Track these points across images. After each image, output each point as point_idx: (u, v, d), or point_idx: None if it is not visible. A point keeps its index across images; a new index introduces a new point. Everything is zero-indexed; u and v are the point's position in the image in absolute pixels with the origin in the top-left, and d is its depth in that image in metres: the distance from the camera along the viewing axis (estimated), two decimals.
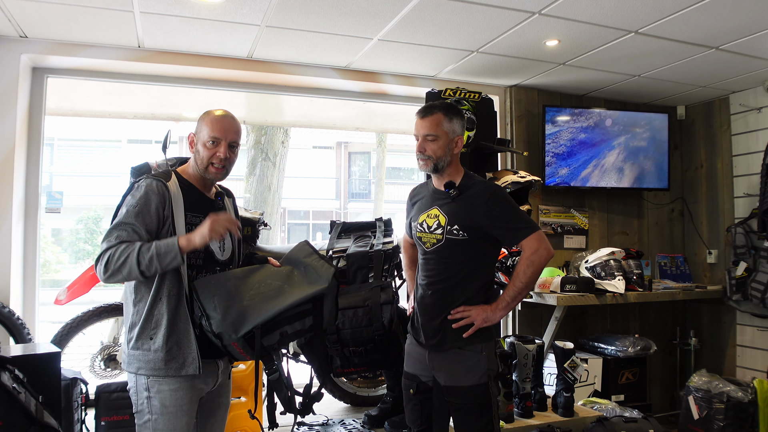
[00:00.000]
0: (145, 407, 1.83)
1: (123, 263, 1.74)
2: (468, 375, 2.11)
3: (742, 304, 3.94)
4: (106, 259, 1.75)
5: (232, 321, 1.76)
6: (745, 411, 3.50)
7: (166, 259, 1.75)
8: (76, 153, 12.93)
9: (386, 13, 2.85)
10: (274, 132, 6.06)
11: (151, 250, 1.75)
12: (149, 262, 1.74)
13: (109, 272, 1.75)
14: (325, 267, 1.93)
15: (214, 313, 1.77)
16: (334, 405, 3.34)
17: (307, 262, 1.97)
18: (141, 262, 1.74)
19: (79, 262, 12.01)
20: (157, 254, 1.74)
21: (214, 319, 1.77)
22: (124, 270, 1.74)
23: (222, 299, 1.80)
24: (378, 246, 3.02)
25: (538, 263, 2.11)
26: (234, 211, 2.13)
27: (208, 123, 1.93)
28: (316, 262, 1.95)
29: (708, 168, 4.52)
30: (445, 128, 2.15)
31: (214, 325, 1.76)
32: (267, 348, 1.84)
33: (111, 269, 1.74)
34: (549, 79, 3.95)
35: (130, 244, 1.76)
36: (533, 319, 4.08)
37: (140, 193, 1.82)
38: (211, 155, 1.91)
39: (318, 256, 1.97)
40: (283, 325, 1.84)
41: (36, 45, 3.16)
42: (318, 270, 1.93)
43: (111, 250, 1.76)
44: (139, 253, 1.74)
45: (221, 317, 1.76)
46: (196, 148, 1.94)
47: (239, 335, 1.76)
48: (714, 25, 2.97)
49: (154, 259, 1.74)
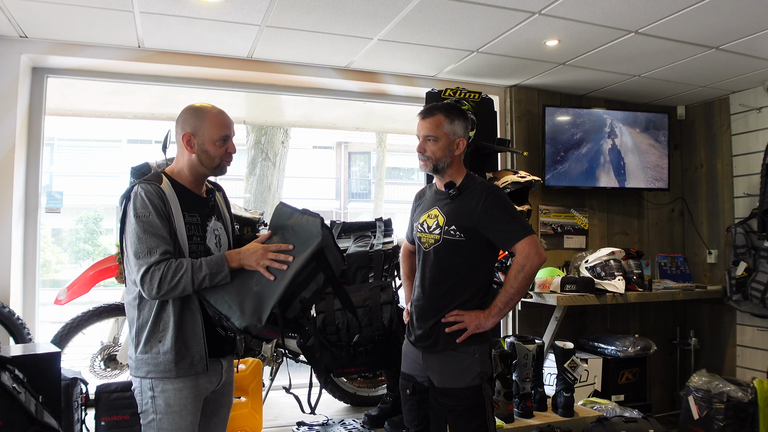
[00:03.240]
0: (149, 407, 1.83)
1: (177, 283, 1.75)
2: (461, 377, 2.11)
3: (742, 304, 3.94)
4: (159, 279, 1.73)
5: (251, 312, 1.77)
6: (745, 411, 3.50)
7: (216, 278, 1.80)
8: (76, 153, 12.92)
9: (386, 13, 2.85)
10: (274, 132, 6.06)
11: (203, 269, 1.78)
12: (202, 280, 1.78)
13: (162, 291, 1.75)
14: (310, 221, 1.88)
15: (230, 312, 1.78)
16: (334, 405, 3.35)
17: (291, 223, 1.93)
18: (195, 281, 1.77)
19: (79, 262, 12.00)
20: (210, 274, 1.79)
21: (235, 317, 1.77)
22: (178, 289, 1.76)
23: (233, 296, 1.80)
24: (378, 246, 3.03)
25: (529, 269, 2.08)
26: (225, 204, 2.12)
27: (212, 122, 1.91)
28: (301, 219, 1.91)
29: (708, 168, 4.52)
30: (446, 129, 2.16)
31: (238, 323, 1.76)
32: (294, 319, 1.85)
33: (165, 288, 1.74)
34: (549, 79, 3.95)
35: (178, 263, 1.76)
36: (533, 319, 4.08)
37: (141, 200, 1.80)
38: (222, 153, 1.92)
39: (299, 213, 1.92)
40: (299, 292, 1.83)
41: (36, 45, 3.16)
42: (305, 226, 1.88)
43: (160, 268, 1.74)
44: (193, 272, 1.76)
45: (240, 313, 1.77)
46: (199, 148, 1.90)
47: (263, 322, 1.76)
48: (714, 25, 2.97)
49: (206, 279, 1.78)
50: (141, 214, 1.79)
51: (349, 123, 4.86)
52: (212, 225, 1.97)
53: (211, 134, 1.90)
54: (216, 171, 1.95)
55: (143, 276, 1.74)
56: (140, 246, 1.76)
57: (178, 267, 1.76)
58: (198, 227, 1.92)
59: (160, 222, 1.79)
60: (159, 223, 1.79)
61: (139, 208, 1.79)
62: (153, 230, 1.77)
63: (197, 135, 1.90)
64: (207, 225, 1.95)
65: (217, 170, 1.95)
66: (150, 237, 1.77)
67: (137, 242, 1.77)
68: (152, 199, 1.80)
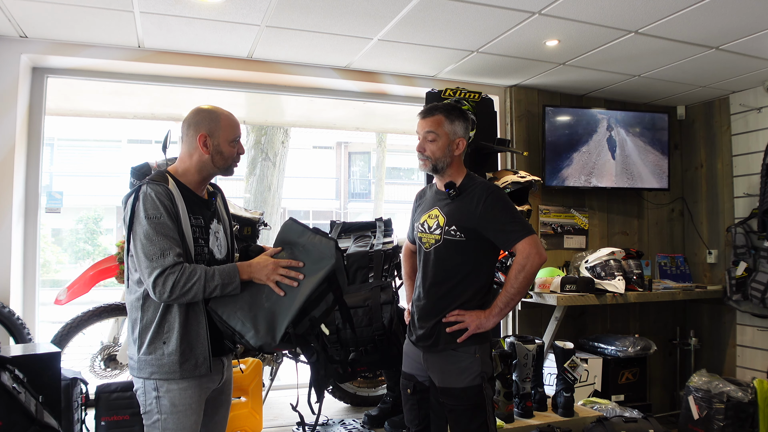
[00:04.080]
0: (154, 407, 1.82)
1: (189, 289, 1.75)
2: (461, 377, 2.11)
3: (742, 304, 3.94)
4: (173, 283, 1.73)
5: (265, 331, 1.79)
6: (745, 411, 3.50)
7: (227, 288, 1.82)
8: (76, 153, 12.93)
9: (386, 13, 2.85)
10: (274, 132, 6.06)
11: (215, 279, 1.80)
12: (213, 290, 1.79)
13: (174, 296, 1.75)
14: (323, 242, 1.90)
15: (244, 329, 1.80)
16: (334, 405, 3.35)
17: (303, 241, 1.94)
18: (207, 289, 1.78)
19: (79, 262, 12.01)
20: (222, 284, 1.80)
21: (249, 336, 1.79)
22: (189, 295, 1.76)
23: (245, 312, 1.82)
24: (378, 246, 3.02)
25: (529, 269, 2.08)
26: (224, 207, 2.13)
27: (226, 123, 1.95)
28: (313, 239, 1.93)
29: (708, 168, 4.52)
30: (446, 129, 2.16)
31: (253, 341, 1.78)
32: (302, 336, 1.86)
33: (177, 293, 1.74)
34: (549, 79, 3.95)
35: (192, 269, 1.77)
36: (533, 319, 4.08)
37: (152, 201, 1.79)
38: (235, 153, 1.97)
39: (312, 233, 1.95)
40: (309, 311, 1.85)
41: (36, 45, 3.16)
42: (318, 247, 1.90)
43: (174, 272, 1.74)
44: (206, 281, 1.78)
45: (254, 331, 1.79)
46: (214, 149, 1.92)
47: (278, 341, 1.78)
48: (714, 25, 2.97)
49: (218, 289, 1.80)
50: (152, 215, 1.78)
51: (349, 123, 4.86)
52: (214, 227, 1.98)
53: (227, 135, 1.93)
54: (226, 171, 1.98)
55: (156, 278, 1.73)
56: (152, 248, 1.75)
57: (191, 273, 1.76)
58: (202, 230, 1.92)
59: (171, 223, 1.79)
60: (170, 224, 1.79)
61: (150, 209, 1.78)
62: (165, 231, 1.77)
63: (213, 136, 1.92)
64: (210, 227, 1.96)
65: (227, 171, 1.98)
66: (162, 238, 1.76)
67: (149, 244, 1.75)
68: (163, 201, 1.80)
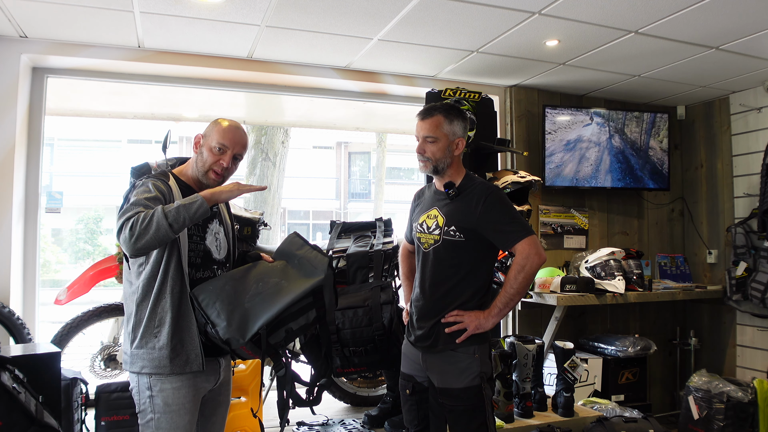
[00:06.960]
0: (147, 406, 1.83)
1: (149, 223, 1.67)
2: (460, 377, 2.10)
3: (742, 304, 3.94)
4: (130, 225, 1.67)
5: (237, 326, 1.77)
6: (745, 411, 3.50)
7: (192, 207, 1.72)
8: (76, 153, 12.94)
9: (386, 13, 2.85)
10: (274, 132, 6.06)
11: (175, 204, 1.72)
12: (176, 212, 1.69)
13: (135, 235, 1.66)
14: (318, 258, 1.92)
15: (218, 320, 1.78)
16: (334, 405, 3.34)
17: (300, 254, 1.96)
18: (168, 215, 1.68)
19: (79, 262, 12.01)
20: (183, 205, 1.71)
21: (220, 327, 1.77)
22: (151, 228, 1.67)
23: (224, 304, 1.80)
24: (378, 246, 3.02)
25: (529, 269, 2.08)
26: (227, 211, 2.14)
27: (218, 130, 1.95)
28: (309, 254, 1.95)
29: (708, 168, 4.52)
30: (445, 130, 2.15)
31: (221, 333, 1.77)
32: (274, 346, 1.85)
33: (137, 231, 1.66)
34: (549, 79, 3.95)
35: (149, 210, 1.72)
36: (533, 319, 4.08)
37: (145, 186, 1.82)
38: (214, 161, 1.94)
39: (310, 248, 1.97)
40: (287, 322, 1.84)
41: (36, 45, 3.16)
42: (312, 261, 1.92)
43: (131, 218, 1.69)
44: (163, 209, 1.70)
45: (227, 323, 1.77)
46: (200, 150, 1.96)
47: (246, 339, 1.77)
48: (714, 25, 2.97)
49: (181, 210, 1.70)
50: (139, 192, 1.80)
51: (349, 123, 4.87)
52: (213, 227, 1.99)
53: (212, 140, 1.95)
54: (204, 177, 1.95)
55: (119, 230, 1.70)
56: (128, 209, 1.73)
57: (147, 212, 1.70)
58: (198, 227, 1.93)
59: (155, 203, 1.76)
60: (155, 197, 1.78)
61: (140, 188, 1.81)
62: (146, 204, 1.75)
63: (204, 138, 1.97)
64: (208, 226, 1.97)
65: (204, 177, 1.95)
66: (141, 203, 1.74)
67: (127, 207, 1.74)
68: (158, 186, 1.83)
